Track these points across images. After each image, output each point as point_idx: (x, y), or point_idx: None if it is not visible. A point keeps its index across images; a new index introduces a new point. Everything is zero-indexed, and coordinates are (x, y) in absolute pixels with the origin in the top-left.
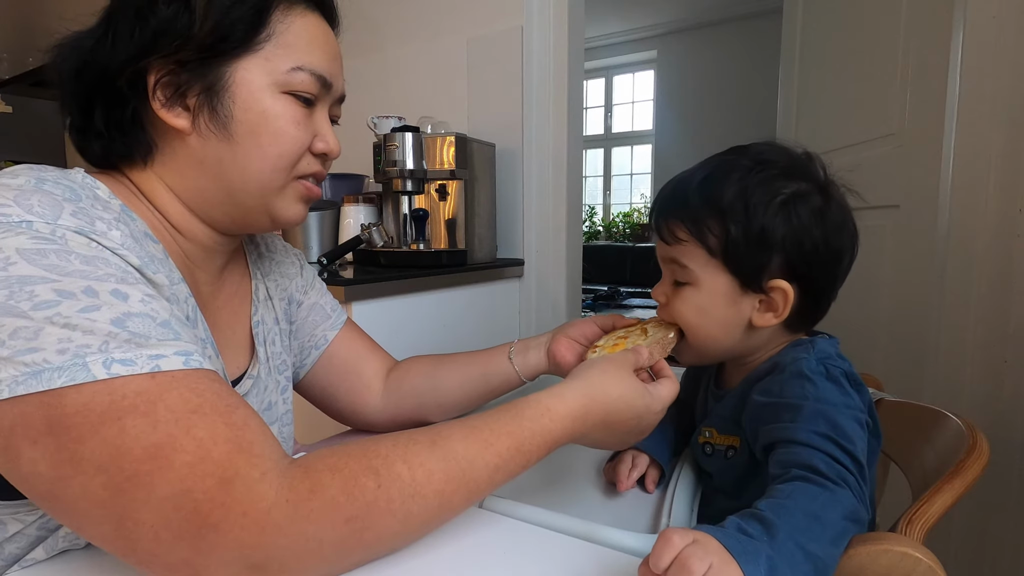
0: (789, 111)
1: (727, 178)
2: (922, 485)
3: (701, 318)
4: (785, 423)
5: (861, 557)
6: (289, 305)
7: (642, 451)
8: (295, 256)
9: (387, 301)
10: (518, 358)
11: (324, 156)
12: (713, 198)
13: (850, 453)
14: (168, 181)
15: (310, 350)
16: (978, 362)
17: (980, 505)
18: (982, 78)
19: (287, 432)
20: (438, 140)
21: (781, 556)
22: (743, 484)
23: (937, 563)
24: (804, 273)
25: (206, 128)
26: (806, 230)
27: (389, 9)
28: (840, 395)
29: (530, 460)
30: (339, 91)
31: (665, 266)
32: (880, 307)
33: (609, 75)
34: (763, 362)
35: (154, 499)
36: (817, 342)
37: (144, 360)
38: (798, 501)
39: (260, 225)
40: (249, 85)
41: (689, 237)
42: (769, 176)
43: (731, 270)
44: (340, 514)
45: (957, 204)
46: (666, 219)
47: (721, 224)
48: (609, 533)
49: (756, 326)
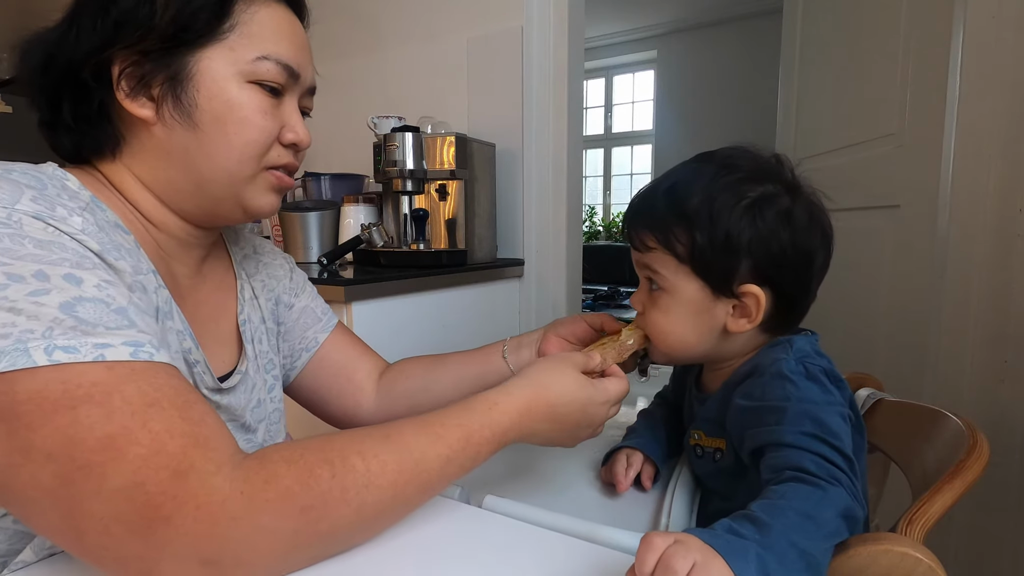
0: (789, 111)
1: (692, 185)
2: (922, 485)
3: (675, 325)
4: (771, 426)
5: (861, 557)
6: (276, 306)
7: (636, 449)
8: (284, 259)
9: (387, 301)
10: (512, 356)
11: (295, 147)
12: (678, 205)
13: (839, 450)
14: (137, 172)
15: (300, 352)
16: (978, 362)
17: (980, 505)
18: (982, 78)
19: (275, 430)
20: (438, 140)
21: (772, 553)
22: (733, 486)
23: (937, 563)
24: (774, 277)
25: (170, 118)
26: (773, 233)
27: (389, 9)
28: (822, 393)
29: (479, 452)
30: (308, 82)
31: (640, 273)
32: (880, 307)
33: (609, 75)
34: (742, 365)
35: (106, 491)
36: (795, 341)
37: (88, 348)
38: (791, 501)
39: (232, 216)
40: (213, 74)
41: (657, 245)
42: (734, 180)
43: (701, 276)
44: (295, 504)
45: (957, 204)
46: (635, 228)
47: (687, 231)
48: (609, 533)
49: (731, 331)
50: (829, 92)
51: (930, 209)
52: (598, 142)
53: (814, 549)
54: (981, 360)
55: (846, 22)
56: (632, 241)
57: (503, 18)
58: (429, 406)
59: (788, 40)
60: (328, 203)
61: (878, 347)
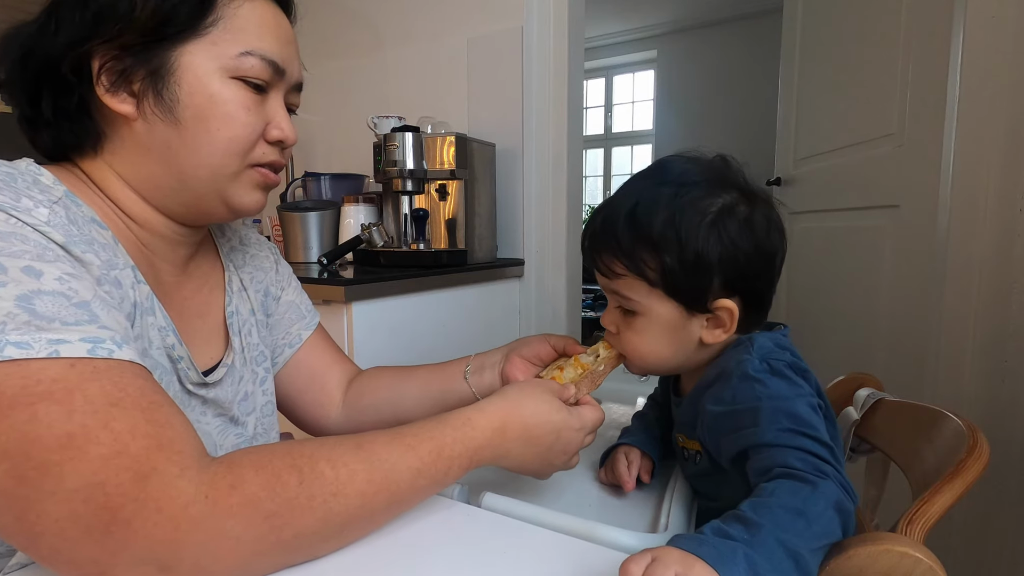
0: (789, 111)
1: (654, 207)
2: (922, 485)
3: (651, 344)
4: (748, 428)
5: (861, 558)
6: (265, 298)
7: (632, 446)
8: (269, 250)
9: (387, 301)
10: (474, 377)
11: (280, 144)
12: (644, 231)
13: (818, 440)
14: (118, 169)
15: (284, 348)
16: (978, 362)
17: (980, 505)
18: (982, 78)
19: (268, 423)
20: (438, 140)
21: (761, 553)
22: (715, 487)
23: (937, 563)
24: (744, 286)
25: (151, 113)
26: (737, 245)
27: (389, 9)
28: (789, 387)
29: (451, 467)
30: (295, 78)
31: (610, 295)
32: (880, 307)
33: (609, 75)
34: (709, 368)
35: (62, 491)
36: (755, 339)
37: (43, 344)
38: (780, 498)
39: (217, 214)
40: (195, 70)
41: (627, 272)
42: (694, 198)
43: (673, 298)
44: (260, 510)
45: (957, 204)
46: (600, 255)
47: (656, 256)
48: (609, 533)
49: (706, 343)
50: (829, 92)
51: (930, 209)
52: (598, 142)
53: (803, 547)
54: (981, 360)
55: (846, 22)
56: (597, 267)
57: (503, 18)
58: (393, 420)
59: (788, 40)
60: (328, 203)
61: (878, 347)
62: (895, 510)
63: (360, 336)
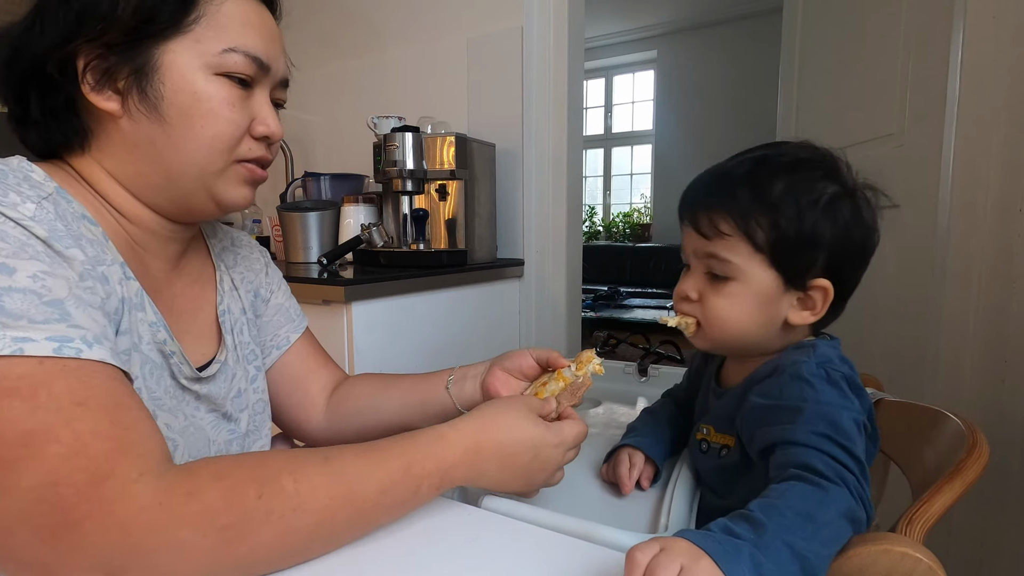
0: (789, 111)
1: (775, 173)
2: (922, 485)
3: (739, 313)
4: (783, 424)
5: (861, 557)
6: (255, 298)
7: (637, 448)
8: (260, 253)
9: (387, 301)
10: (455, 388)
11: (266, 140)
12: (762, 193)
13: (850, 451)
14: (107, 166)
15: (271, 349)
16: (978, 362)
17: (980, 505)
18: (982, 78)
19: (260, 420)
20: (438, 140)
21: (767, 554)
22: (732, 484)
23: (937, 563)
24: (840, 272)
25: (136, 111)
26: (849, 231)
27: (389, 9)
28: (839, 398)
29: (421, 486)
30: (280, 74)
31: (698, 260)
32: (880, 307)
33: (609, 75)
34: (764, 364)
35: (16, 489)
36: (818, 345)
37: (6, 342)
38: (789, 500)
39: (206, 210)
40: (180, 67)
41: (734, 231)
42: (812, 176)
43: (776, 266)
44: (215, 521)
45: (957, 204)
46: (707, 211)
47: (770, 219)
48: (609, 533)
49: (792, 324)
50: (829, 92)
51: (930, 209)
52: (598, 142)
53: (810, 551)
54: (981, 360)
55: (846, 22)
56: (698, 225)
57: (503, 18)
58: (374, 428)
59: (788, 40)
60: (328, 203)
61: (878, 347)
62: (895, 510)
63: (360, 336)
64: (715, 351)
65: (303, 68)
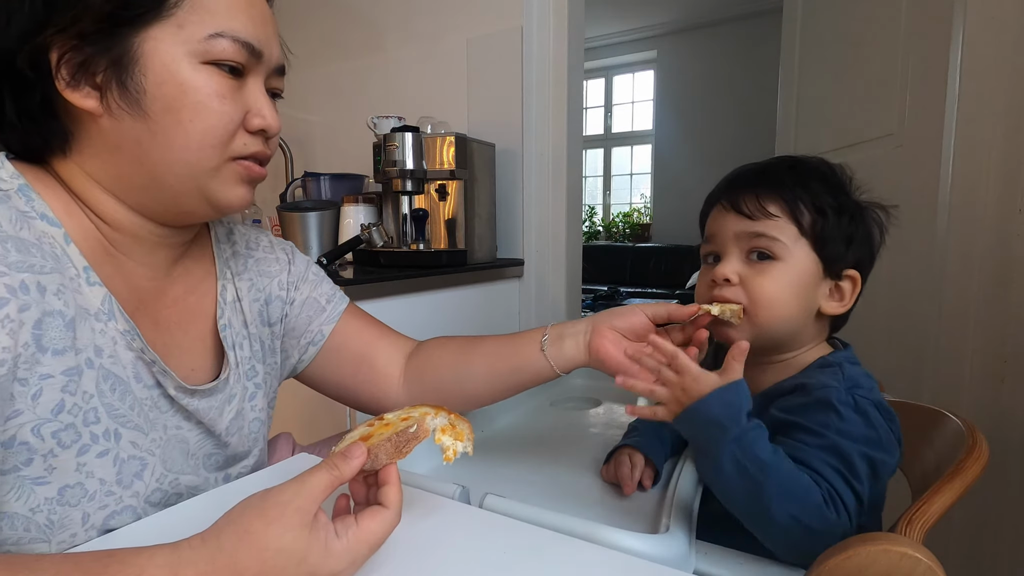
0: (789, 111)
1: (815, 170)
2: (922, 485)
3: (784, 294)
4: (800, 443)
5: (860, 557)
6: (267, 307)
7: (637, 449)
8: (282, 251)
9: (387, 301)
10: (552, 348)
11: (263, 134)
12: (807, 182)
13: (855, 491)
14: (89, 170)
15: (307, 347)
16: (978, 362)
17: (980, 505)
18: (982, 78)
19: (251, 442)
20: (438, 140)
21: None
22: None
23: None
24: (863, 270)
25: (117, 107)
26: (874, 230)
27: (389, 9)
28: (864, 428)
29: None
30: (275, 60)
31: (737, 243)
32: (880, 307)
33: (609, 75)
34: (787, 379)
35: None
36: (844, 365)
37: None
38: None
39: (199, 212)
40: (162, 56)
41: (782, 212)
42: (843, 180)
43: (818, 251)
44: None
45: (957, 204)
46: (754, 193)
47: (816, 206)
48: (609, 533)
49: (824, 313)
50: (829, 92)
51: (930, 209)
52: (598, 142)
53: (771, 478)
54: (981, 360)
55: (846, 22)
56: (740, 206)
57: (503, 18)
58: (461, 399)
59: (788, 40)
60: (328, 203)
61: (878, 347)
62: (895, 510)
63: None
64: (754, 342)
65: (303, 68)
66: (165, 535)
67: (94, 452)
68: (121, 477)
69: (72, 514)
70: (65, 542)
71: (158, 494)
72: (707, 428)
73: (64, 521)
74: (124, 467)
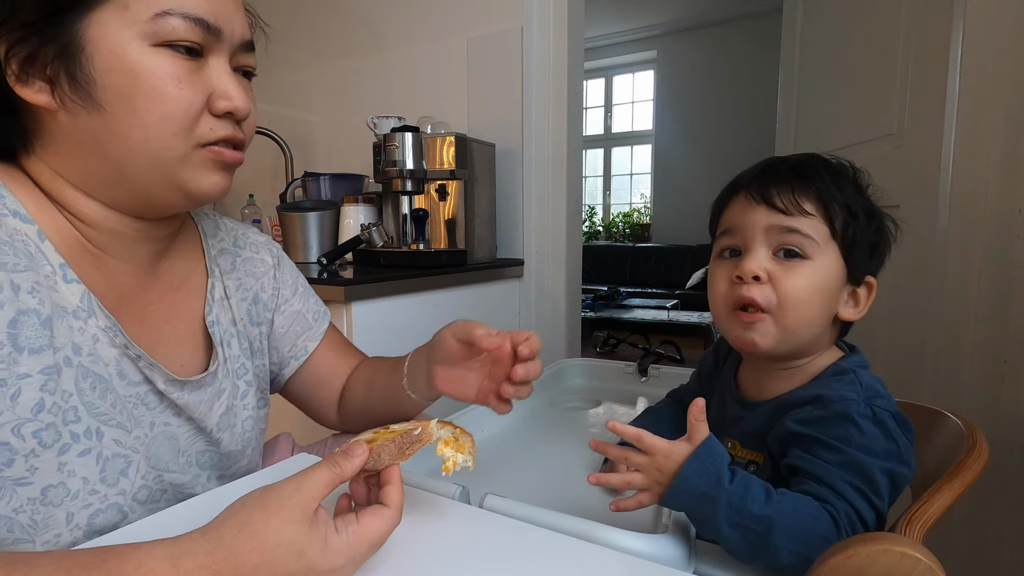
0: (789, 111)
1: (846, 172)
2: (922, 485)
3: (811, 295)
4: (819, 459)
5: (860, 557)
6: (254, 305)
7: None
8: (269, 253)
9: (387, 301)
10: (412, 386)
11: (231, 116)
12: (843, 183)
13: (876, 508)
14: (53, 166)
15: (289, 360)
16: (978, 362)
17: (980, 505)
18: (982, 78)
19: (246, 440)
20: (438, 140)
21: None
22: None
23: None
24: (876, 276)
25: (70, 101)
26: (889, 240)
27: (389, 9)
28: (884, 441)
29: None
30: (238, 36)
31: (766, 238)
32: (880, 307)
33: (609, 75)
34: (801, 388)
35: None
36: (859, 373)
37: None
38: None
39: (174, 203)
40: (109, 41)
41: (817, 211)
42: (866, 186)
43: (845, 256)
44: None
45: (957, 204)
46: (789, 187)
47: (851, 209)
48: (609, 533)
49: (841, 318)
50: (829, 92)
51: (930, 209)
52: (598, 142)
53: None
54: (981, 360)
55: (846, 22)
56: (773, 200)
57: (503, 18)
58: (377, 421)
59: (788, 40)
60: (328, 203)
61: (878, 347)
62: (895, 510)
63: (360, 336)
64: (774, 349)
65: (303, 68)
66: (163, 536)
67: (75, 451)
68: (105, 475)
69: (56, 514)
70: (50, 542)
71: (144, 491)
72: (695, 501)
73: (48, 521)
74: (108, 465)
